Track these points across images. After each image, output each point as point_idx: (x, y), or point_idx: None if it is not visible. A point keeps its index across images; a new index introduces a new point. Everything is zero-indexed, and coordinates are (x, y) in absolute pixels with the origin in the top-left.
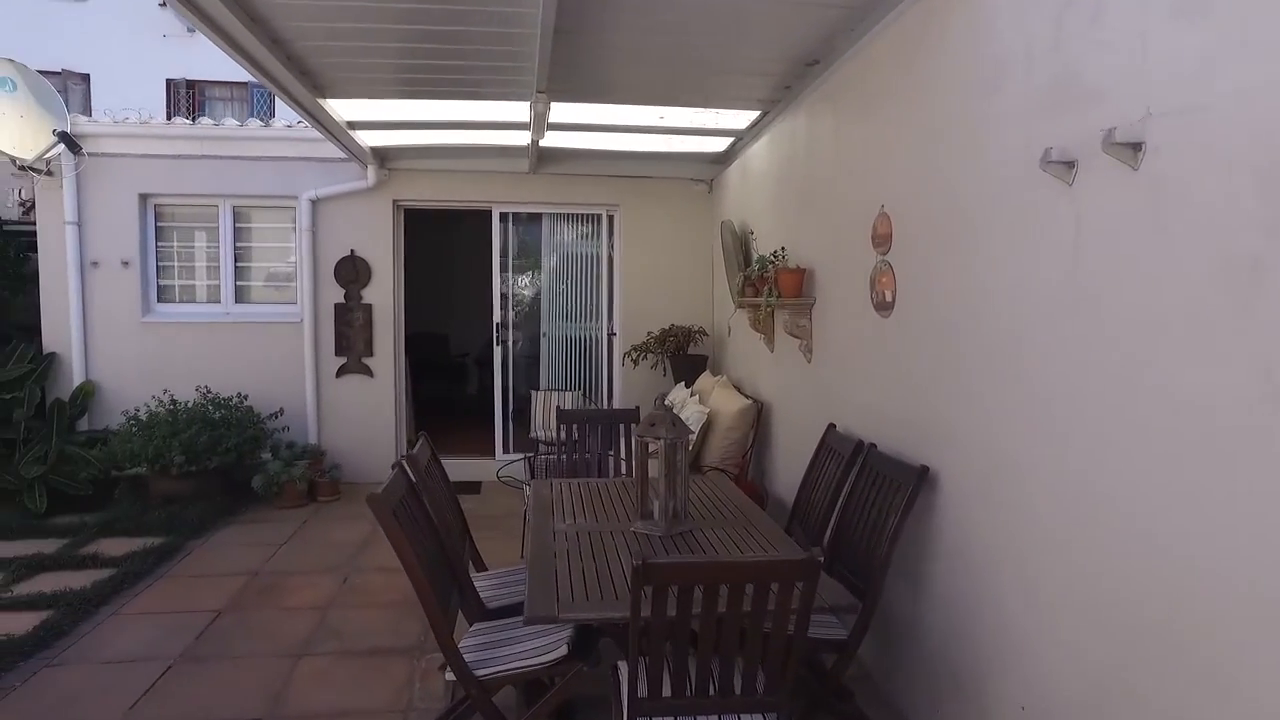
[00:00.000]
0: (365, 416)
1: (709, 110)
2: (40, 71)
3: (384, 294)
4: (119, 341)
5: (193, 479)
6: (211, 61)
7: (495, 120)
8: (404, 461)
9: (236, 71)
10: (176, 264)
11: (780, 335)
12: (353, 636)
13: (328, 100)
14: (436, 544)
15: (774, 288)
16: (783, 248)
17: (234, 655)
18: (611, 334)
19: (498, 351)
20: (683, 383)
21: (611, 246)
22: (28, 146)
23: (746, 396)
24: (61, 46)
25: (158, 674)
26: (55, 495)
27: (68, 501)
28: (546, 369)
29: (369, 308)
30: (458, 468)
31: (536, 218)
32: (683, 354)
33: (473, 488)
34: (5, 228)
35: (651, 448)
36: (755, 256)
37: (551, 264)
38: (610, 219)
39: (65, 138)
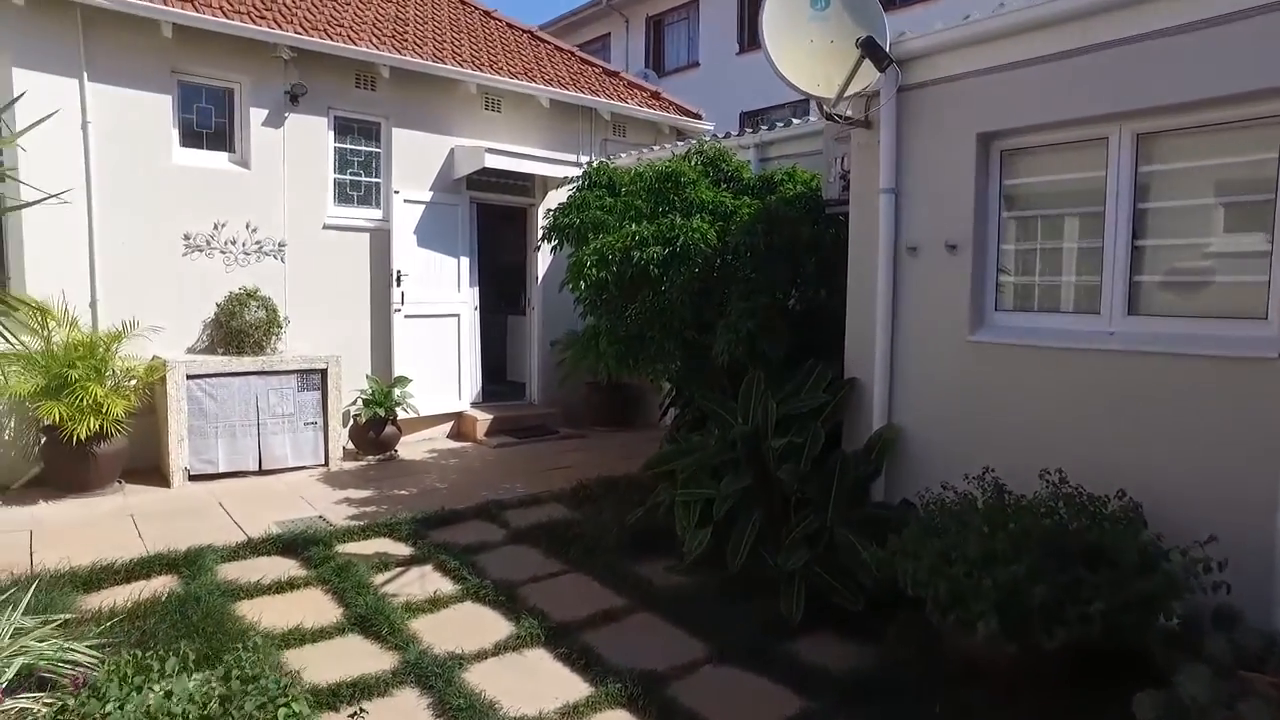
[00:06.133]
0: None
1: None
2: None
3: None
4: (935, 369)
5: (1011, 653)
6: None
7: None
8: None
9: None
10: (1038, 247)
11: None
12: None
13: None
14: None
15: None
16: None
17: None
18: None
19: None
20: None
21: None
22: (834, 83)
23: None
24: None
25: None
26: (815, 598)
27: (828, 614)
28: None
29: None
30: None
31: None
32: None
33: None
34: (826, 210)
35: None
36: None
37: None
38: None
39: (869, 46)
